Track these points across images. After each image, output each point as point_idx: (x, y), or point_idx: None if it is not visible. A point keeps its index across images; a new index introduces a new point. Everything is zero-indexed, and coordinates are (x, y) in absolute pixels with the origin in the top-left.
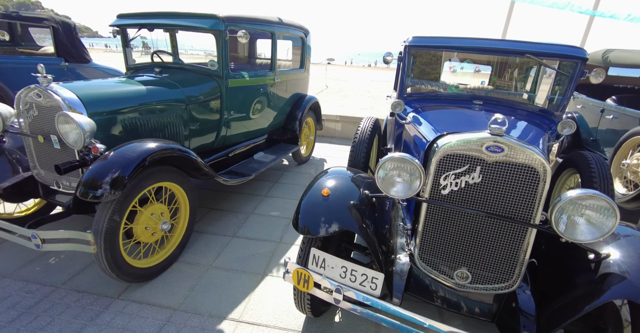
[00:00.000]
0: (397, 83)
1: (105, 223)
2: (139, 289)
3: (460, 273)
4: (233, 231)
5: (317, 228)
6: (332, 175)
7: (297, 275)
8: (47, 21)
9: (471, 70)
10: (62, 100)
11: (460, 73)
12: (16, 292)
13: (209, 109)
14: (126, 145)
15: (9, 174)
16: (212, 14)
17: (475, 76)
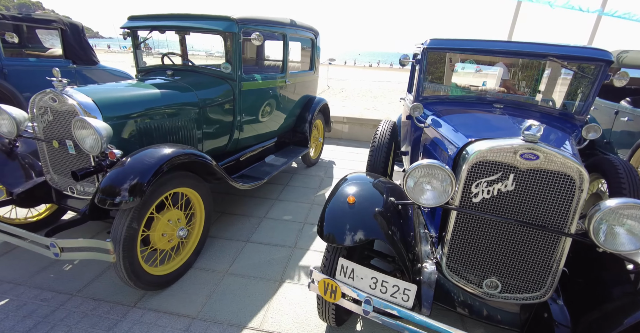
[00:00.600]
0: (411, 85)
1: (124, 230)
2: (155, 297)
3: (489, 282)
4: (247, 236)
5: (343, 237)
6: (354, 182)
7: (324, 286)
8: (56, 23)
9: (472, 70)
10: (77, 104)
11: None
12: (31, 300)
13: (222, 112)
14: (143, 151)
15: (23, 179)
16: (226, 16)
17: (477, 76)
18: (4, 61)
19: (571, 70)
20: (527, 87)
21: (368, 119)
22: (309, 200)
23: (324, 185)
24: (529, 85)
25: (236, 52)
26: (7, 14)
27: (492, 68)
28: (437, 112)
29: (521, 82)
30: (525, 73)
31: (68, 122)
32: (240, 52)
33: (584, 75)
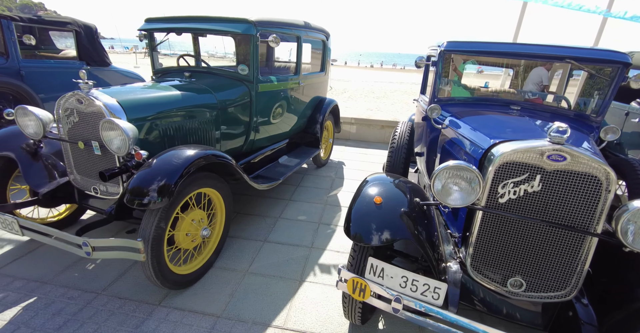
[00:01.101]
0: (424, 87)
1: (153, 230)
2: (179, 296)
3: (514, 281)
4: (264, 236)
5: (371, 236)
6: (377, 182)
7: (353, 284)
8: (71, 25)
9: (474, 71)
10: (103, 106)
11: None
12: (59, 298)
13: (239, 113)
14: (169, 152)
15: (47, 180)
16: (244, 19)
17: (479, 77)
18: (22, 63)
19: (590, 72)
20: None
21: (376, 119)
22: (321, 201)
23: (335, 186)
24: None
25: (253, 54)
26: (24, 17)
27: (493, 69)
28: (454, 113)
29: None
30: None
31: (94, 123)
32: (257, 54)
33: (601, 77)
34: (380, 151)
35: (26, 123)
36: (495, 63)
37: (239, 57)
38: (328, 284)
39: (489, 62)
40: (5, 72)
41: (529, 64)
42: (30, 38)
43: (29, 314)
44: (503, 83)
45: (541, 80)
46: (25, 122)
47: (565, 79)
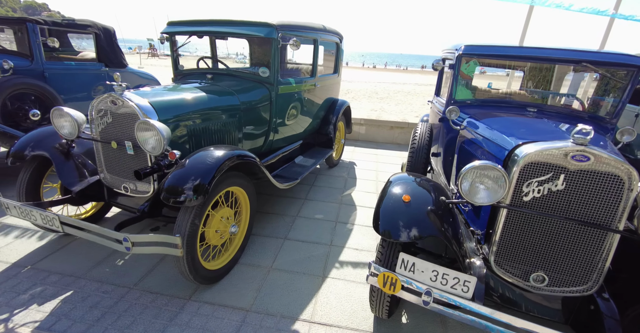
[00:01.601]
0: (439, 88)
1: (188, 226)
2: (207, 291)
3: (536, 276)
4: (284, 233)
5: (399, 233)
6: (402, 182)
7: (384, 279)
8: (91, 28)
9: (476, 72)
10: (137, 107)
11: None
12: (94, 292)
13: (260, 114)
14: (201, 152)
15: (79, 179)
16: (266, 22)
17: (481, 77)
18: (45, 65)
19: (605, 75)
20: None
21: (385, 120)
22: (336, 200)
23: (348, 186)
24: (548, 88)
25: (274, 57)
26: (49, 20)
27: (496, 70)
28: (472, 115)
29: (539, 85)
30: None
31: (127, 124)
32: (278, 57)
33: (617, 81)
34: (389, 151)
35: (62, 124)
36: (503, 65)
37: (254, 59)
38: (350, 280)
39: (498, 64)
40: (30, 73)
41: (541, 66)
42: (53, 41)
43: (68, 307)
44: (509, 84)
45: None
46: (60, 122)
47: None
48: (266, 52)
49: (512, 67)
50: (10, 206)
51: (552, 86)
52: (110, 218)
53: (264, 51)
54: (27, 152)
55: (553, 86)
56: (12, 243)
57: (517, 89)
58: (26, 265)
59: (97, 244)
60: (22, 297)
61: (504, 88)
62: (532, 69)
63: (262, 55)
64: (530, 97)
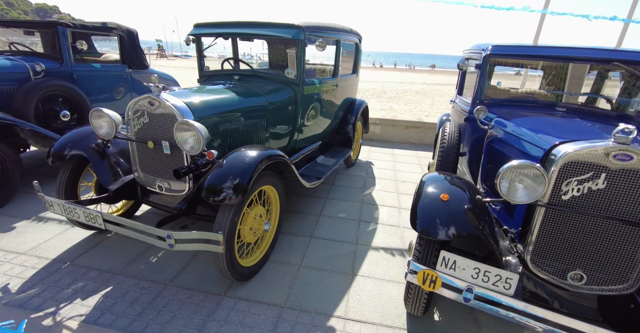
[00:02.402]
0: (461, 88)
1: (228, 224)
2: (242, 287)
3: (574, 275)
4: (309, 232)
5: (438, 231)
6: (437, 181)
7: (424, 276)
8: (116, 30)
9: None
10: (174, 107)
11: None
12: (132, 288)
13: (286, 115)
14: (237, 152)
15: (115, 177)
16: (293, 24)
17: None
18: (74, 67)
19: (637, 74)
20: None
21: (400, 120)
22: (357, 199)
23: (368, 185)
24: (574, 88)
25: (300, 58)
26: (77, 23)
27: (505, 69)
28: (501, 114)
29: (561, 84)
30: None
31: (164, 124)
32: (304, 58)
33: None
34: (405, 151)
35: (100, 124)
36: (523, 64)
37: (273, 60)
38: (379, 278)
39: (522, 64)
40: (59, 76)
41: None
42: (82, 43)
43: (110, 302)
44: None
45: None
46: (99, 123)
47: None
48: (285, 53)
49: (530, 67)
50: (54, 204)
51: (568, 85)
52: (140, 217)
53: (284, 52)
54: (67, 152)
55: (573, 86)
56: (51, 240)
57: (533, 88)
58: (66, 261)
59: (130, 241)
60: (65, 292)
61: (515, 87)
62: (553, 67)
63: (282, 56)
64: (552, 96)
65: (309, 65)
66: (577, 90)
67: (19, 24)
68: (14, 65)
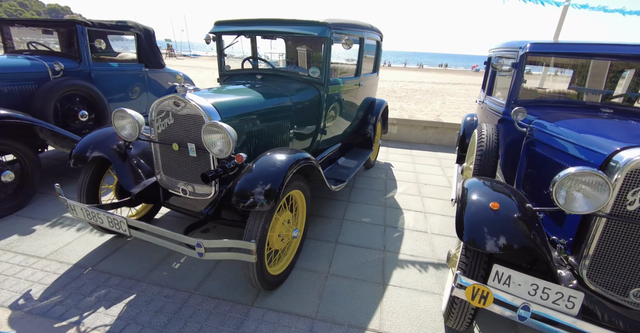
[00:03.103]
0: (490, 88)
1: (259, 231)
2: (269, 296)
3: (637, 292)
4: (334, 237)
5: (488, 242)
6: (481, 188)
7: (473, 291)
8: (133, 29)
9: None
10: (201, 108)
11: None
12: (156, 296)
13: (310, 115)
14: (267, 155)
15: (137, 180)
16: (320, 21)
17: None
18: (92, 66)
19: None
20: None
21: (418, 120)
22: (380, 203)
23: (389, 188)
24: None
25: (326, 57)
26: (95, 22)
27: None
28: (540, 115)
29: (597, 84)
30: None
31: (190, 125)
32: (329, 57)
33: None
34: (424, 152)
35: (123, 125)
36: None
37: (290, 59)
38: (412, 288)
39: (559, 63)
40: (78, 75)
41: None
42: (100, 42)
43: (134, 311)
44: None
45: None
46: (122, 124)
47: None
48: (306, 52)
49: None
50: (76, 208)
51: (602, 84)
52: (160, 220)
53: (305, 50)
54: (88, 154)
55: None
56: (71, 243)
57: (556, 87)
58: (87, 267)
59: (151, 246)
60: (88, 300)
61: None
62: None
63: (303, 54)
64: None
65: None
66: (611, 89)
67: (38, 23)
68: (33, 64)
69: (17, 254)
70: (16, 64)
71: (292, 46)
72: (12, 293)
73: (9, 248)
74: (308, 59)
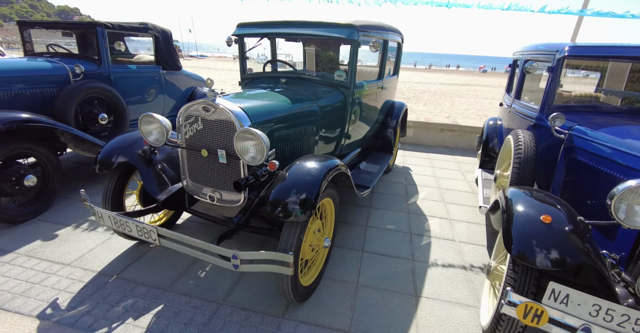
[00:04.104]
0: (519, 91)
1: (295, 242)
2: (300, 308)
3: None
4: (360, 245)
5: (538, 257)
6: (528, 198)
7: (525, 309)
8: (151, 31)
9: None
10: (232, 114)
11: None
12: (184, 307)
13: (335, 119)
14: (300, 163)
15: (162, 186)
16: (349, 23)
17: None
18: (111, 69)
19: None
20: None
21: (434, 122)
22: (403, 209)
23: (410, 193)
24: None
25: (353, 60)
26: (115, 24)
27: (600, 74)
28: (580, 122)
29: (615, 85)
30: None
31: (220, 131)
32: (356, 59)
33: None
34: (442, 155)
35: (150, 130)
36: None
37: (309, 62)
38: (446, 300)
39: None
40: (98, 77)
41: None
42: (120, 44)
43: (163, 323)
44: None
45: None
46: (149, 129)
47: None
48: (328, 54)
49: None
50: (104, 215)
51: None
52: (181, 226)
53: (327, 53)
54: (114, 160)
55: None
56: (94, 250)
57: (581, 90)
58: (112, 275)
59: (175, 253)
60: (116, 310)
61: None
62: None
63: (326, 57)
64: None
65: (344, 66)
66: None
67: (59, 25)
68: (54, 67)
69: (42, 260)
70: (38, 66)
71: (315, 48)
72: (39, 302)
73: (33, 254)
74: (317, 59)
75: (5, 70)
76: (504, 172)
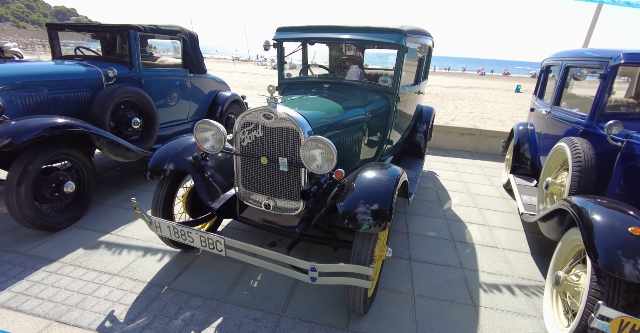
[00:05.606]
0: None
1: (369, 254)
2: (362, 320)
3: None
4: (406, 253)
5: (630, 269)
6: (606, 209)
7: (621, 324)
8: (180, 33)
9: (501, 74)
10: (296, 122)
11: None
12: (244, 319)
13: (379, 125)
14: (367, 171)
15: (214, 194)
16: (397, 28)
17: (507, 79)
18: (142, 72)
19: None
20: None
21: (454, 126)
22: (439, 215)
23: (443, 199)
24: None
25: (399, 65)
26: (147, 26)
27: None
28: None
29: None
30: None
31: (282, 139)
32: (402, 65)
33: None
34: (464, 159)
35: (206, 137)
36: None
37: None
38: (505, 310)
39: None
40: (129, 81)
41: None
42: (151, 47)
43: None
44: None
45: None
46: (205, 136)
47: None
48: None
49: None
50: (162, 225)
51: None
52: (222, 232)
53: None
54: (166, 167)
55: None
56: (138, 259)
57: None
58: (163, 285)
59: (222, 262)
60: (175, 323)
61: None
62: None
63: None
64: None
65: (369, 70)
66: None
67: (90, 28)
68: (88, 71)
69: (89, 270)
70: (72, 70)
71: (337, 53)
72: (96, 315)
73: (78, 263)
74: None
75: (41, 74)
76: (557, 179)
